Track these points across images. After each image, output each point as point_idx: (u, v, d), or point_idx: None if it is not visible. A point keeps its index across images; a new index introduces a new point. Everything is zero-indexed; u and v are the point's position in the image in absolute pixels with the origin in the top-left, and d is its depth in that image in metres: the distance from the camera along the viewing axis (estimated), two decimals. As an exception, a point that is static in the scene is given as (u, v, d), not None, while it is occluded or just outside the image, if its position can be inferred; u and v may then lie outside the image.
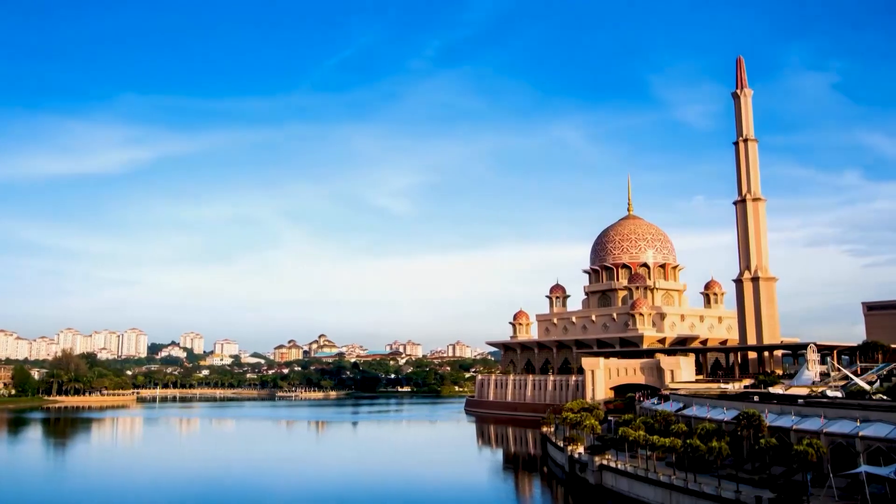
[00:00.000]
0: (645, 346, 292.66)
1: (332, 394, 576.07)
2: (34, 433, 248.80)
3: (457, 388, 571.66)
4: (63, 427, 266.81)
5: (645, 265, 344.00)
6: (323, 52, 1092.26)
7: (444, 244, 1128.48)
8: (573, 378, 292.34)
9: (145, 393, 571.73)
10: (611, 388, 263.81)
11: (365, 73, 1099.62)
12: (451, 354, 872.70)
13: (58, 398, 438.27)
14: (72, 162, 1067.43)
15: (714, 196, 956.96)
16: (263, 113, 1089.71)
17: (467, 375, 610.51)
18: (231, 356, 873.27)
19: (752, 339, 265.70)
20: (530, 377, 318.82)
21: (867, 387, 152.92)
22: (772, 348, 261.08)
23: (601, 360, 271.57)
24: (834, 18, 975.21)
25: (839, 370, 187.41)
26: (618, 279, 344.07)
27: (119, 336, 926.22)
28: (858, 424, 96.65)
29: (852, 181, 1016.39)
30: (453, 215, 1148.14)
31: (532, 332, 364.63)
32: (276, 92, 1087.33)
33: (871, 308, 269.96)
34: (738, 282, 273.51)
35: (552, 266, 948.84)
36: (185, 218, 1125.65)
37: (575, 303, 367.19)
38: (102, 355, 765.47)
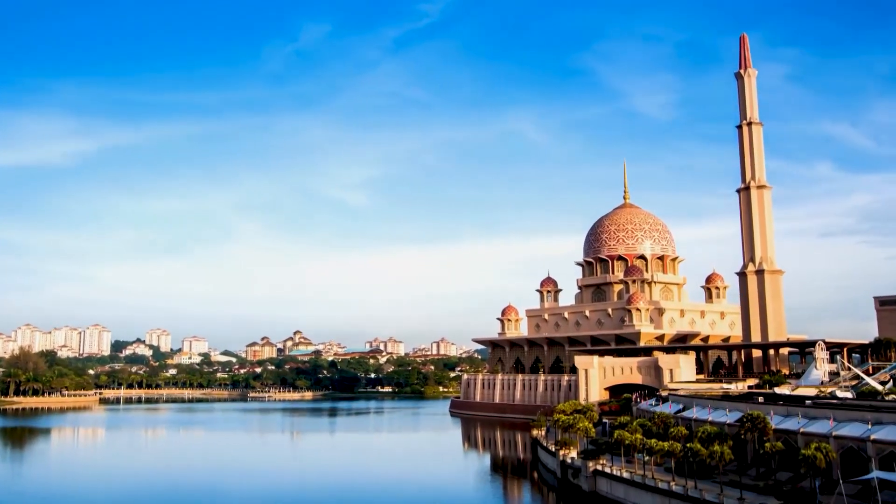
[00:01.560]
0: (642, 344, 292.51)
1: (309, 394, 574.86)
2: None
3: (441, 388, 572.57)
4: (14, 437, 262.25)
5: (642, 257, 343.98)
6: (267, 43, 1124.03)
7: (415, 237, 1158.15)
8: (565, 378, 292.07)
9: (109, 393, 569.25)
10: (606, 389, 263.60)
11: (309, 65, 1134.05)
12: (434, 352, 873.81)
13: (15, 399, 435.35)
14: (9, 153, 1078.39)
15: (705, 185, 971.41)
16: (210, 105, 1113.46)
17: (452, 375, 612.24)
18: (200, 354, 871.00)
19: (756, 337, 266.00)
20: (520, 377, 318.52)
21: (879, 387, 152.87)
22: (777, 346, 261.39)
23: (595, 358, 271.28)
24: (783, 7, 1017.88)
25: (849, 369, 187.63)
26: (613, 272, 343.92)
27: (80, 333, 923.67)
28: (870, 427, 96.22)
29: (825, 173, 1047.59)
30: (419, 208, 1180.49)
31: (521, 329, 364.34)
32: (223, 84, 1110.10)
33: (883, 303, 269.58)
34: (742, 275, 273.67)
35: (543, 259, 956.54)
36: (133, 211, 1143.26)
37: (567, 297, 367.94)
38: (63, 353, 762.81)
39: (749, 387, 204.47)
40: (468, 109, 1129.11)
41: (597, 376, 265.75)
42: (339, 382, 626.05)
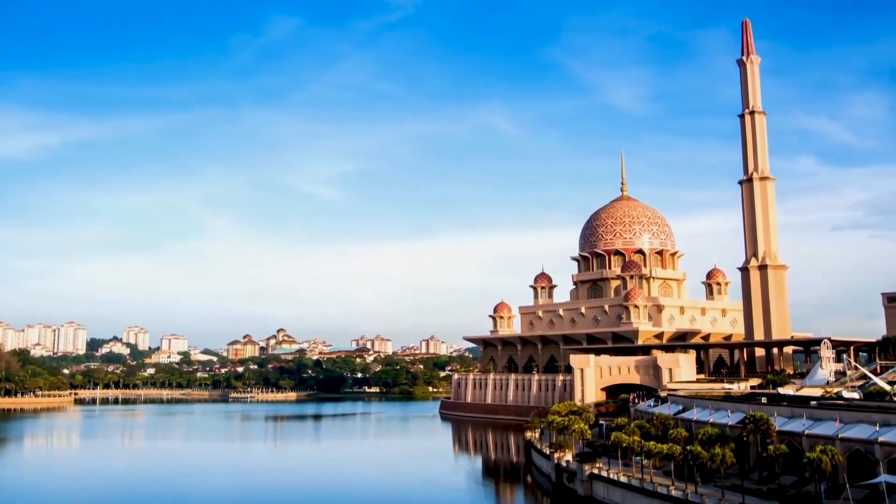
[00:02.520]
0: (640, 342, 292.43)
1: (293, 395, 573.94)
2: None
3: (431, 388, 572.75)
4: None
5: (640, 252, 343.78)
6: (234, 36, 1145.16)
7: (397, 233, 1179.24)
8: (560, 377, 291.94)
9: (84, 394, 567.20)
10: (602, 389, 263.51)
11: (275, 58, 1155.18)
12: (424, 351, 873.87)
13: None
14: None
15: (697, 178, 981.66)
16: (175, 99, 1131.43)
17: (442, 374, 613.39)
18: (179, 353, 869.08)
19: (759, 335, 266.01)
20: (512, 376, 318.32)
21: (888, 387, 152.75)
22: (781, 344, 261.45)
23: (591, 357, 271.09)
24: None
25: (856, 368, 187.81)
26: (610, 267, 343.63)
27: (55, 330, 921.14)
28: (878, 429, 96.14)
29: (809, 168, 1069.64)
30: (399, 203, 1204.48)
31: (514, 327, 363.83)
32: (188, 77, 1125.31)
33: (891, 300, 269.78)
34: (744, 270, 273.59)
35: (537, 254, 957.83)
36: (101, 205, 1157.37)
37: (562, 294, 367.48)
38: (36, 352, 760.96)
39: (752, 387, 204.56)
40: (438, 103, 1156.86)
41: (593, 376, 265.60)
42: (325, 382, 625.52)
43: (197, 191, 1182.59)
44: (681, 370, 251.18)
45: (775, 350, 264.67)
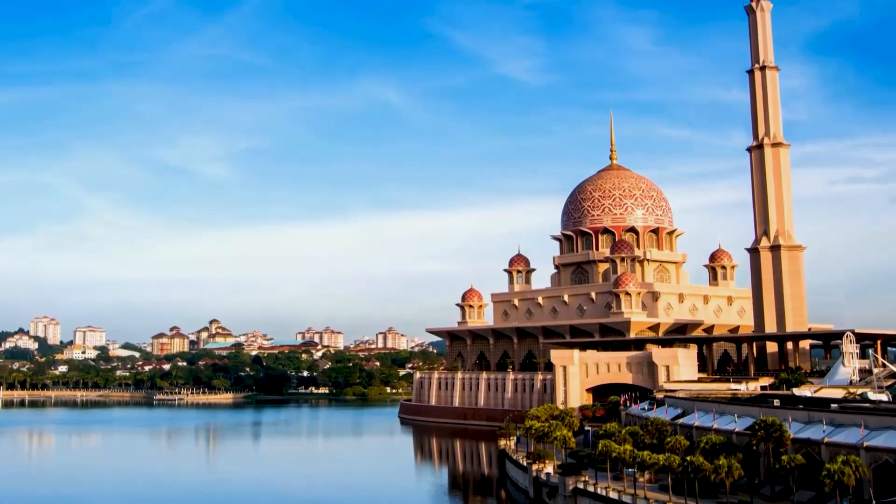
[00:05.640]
0: (633, 335, 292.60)
1: (228, 396, 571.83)
2: None
3: (389, 389, 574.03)
4: None
5: (632, 230, 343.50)
6: (78, 10, 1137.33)
7: (319, 214, 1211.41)
8: (539, 376, 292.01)
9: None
10: (588, 390, 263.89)
11: (124, 31, 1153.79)
12: (381, 346, 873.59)
13: None
14: None
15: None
16: (30, 73, 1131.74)
17: (402, 373, 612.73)
18: (96, 348, 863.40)
19: (771, 326, 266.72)
20: (484, 375, 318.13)
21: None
22: (797, 338, 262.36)
23: (576, 352, 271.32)
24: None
25: (884, 366, 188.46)
26: (597, 248, 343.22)
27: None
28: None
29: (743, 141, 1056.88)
30: (303, 180, 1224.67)
31: (486, 317, 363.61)
32: (40, 52, 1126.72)
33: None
34: (754, 251, 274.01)
35: (511, 234, 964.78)
36: None
37: (542, 279, 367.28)
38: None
39: (762, 387, 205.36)
40: (316, 76, 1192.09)
41: (577, 375, 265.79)
42: (265, 382, 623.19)
43: (69, 168, 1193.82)
44: (680, 368, 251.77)
45: (790, 344, 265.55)
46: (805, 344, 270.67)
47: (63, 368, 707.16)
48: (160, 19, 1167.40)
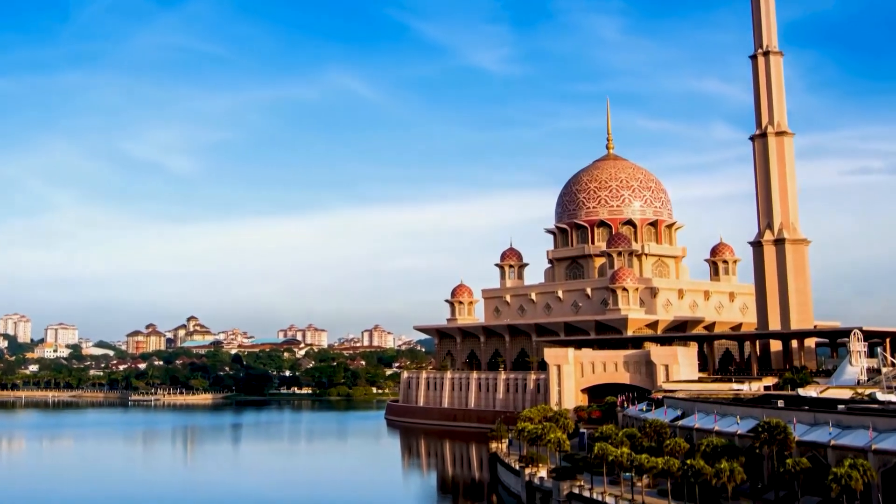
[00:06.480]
0: (630, 333, 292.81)
1: (208, 397, 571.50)
2: None
3: (375, 389, 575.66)
4: None
5: (630, 222, 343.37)
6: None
7: (300, 205, 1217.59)
8: (532, 376, 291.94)
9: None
10: (583, 390, 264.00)
11: (77, 21, 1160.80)
12: (366, 344, 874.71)
13: None
14: None
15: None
16: None
17: (389, 372, 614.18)
18: (68, 346, 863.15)
19: (775, 324, 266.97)
20: (474, 374, 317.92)
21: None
22: (802, 335, 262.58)
23: (570, 351, 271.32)
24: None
25: (893, 365, 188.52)
26: (593, 241, 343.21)
27: None
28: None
29: (722, 135, 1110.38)
30: (273, 172, 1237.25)
31: (477, 314, 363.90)
32: None
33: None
34: (757, 245, 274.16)
35: (503, 227, 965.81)
36: None
37: (535, 274, 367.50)
38: None
39: (766, 387, 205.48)
40: (279, 67, 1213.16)
41: (572, 374, 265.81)
42: (245, 382, 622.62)
43: (28, 162, 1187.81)
44: (679, 367, 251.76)
45: (794, 342, 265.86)
46: (810, 342, 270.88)
47: (34, 368, 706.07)
48: (116, 8, 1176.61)
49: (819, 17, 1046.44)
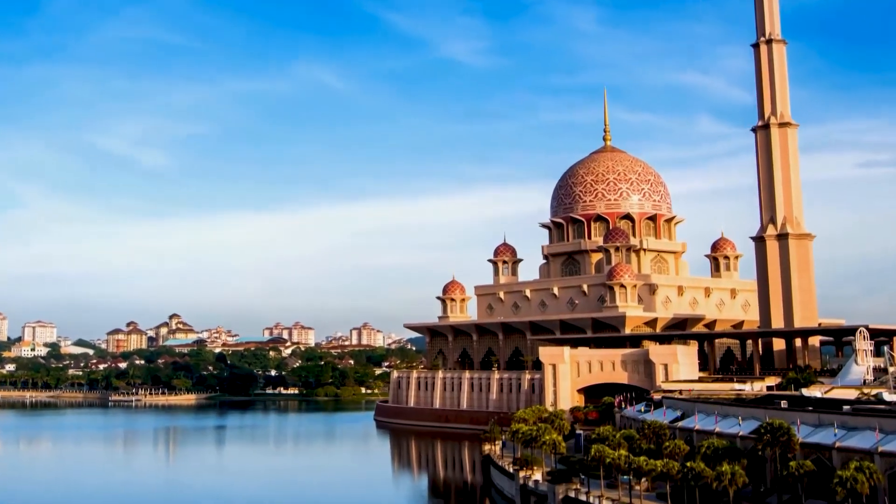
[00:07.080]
0: (628, 331, 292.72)
1: (190, 397, 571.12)
2: None
3: (364, 389, 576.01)
4: None
5: (628, 217, 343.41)
6: None
7: (281, 200, 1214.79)
8: (527, 375, 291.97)
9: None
10: (580, 390, 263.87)
11: (40, 12, 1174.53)
12: (355, 343, 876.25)
13: None
14: None
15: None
16: None
17: (378, 372, 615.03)
18: (47, 345, 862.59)
19: (778, 322, 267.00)
20: (467, 374, 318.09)
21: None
22: (806, 334, 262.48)
23: (566, 350, 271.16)
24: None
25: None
26: (589, 236, 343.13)
27: None
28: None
29: (707, 128, 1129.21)
30: (250, 165, 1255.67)
31: (469, 311, 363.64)
32: None
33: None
34: (759, 240, 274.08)
35: (496, 221, 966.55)
36: None
37: (530, 270, 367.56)
38: None
39: (768, 387, 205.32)
40: (248, 59, 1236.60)
41: (568, 374, 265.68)
42: (230, 382, 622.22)
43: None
44: (679, 366, 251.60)
45: (798, 341, 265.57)
46: (815, 340, 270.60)
47: (10, 367, 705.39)
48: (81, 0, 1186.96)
49: (809, 7, 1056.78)
